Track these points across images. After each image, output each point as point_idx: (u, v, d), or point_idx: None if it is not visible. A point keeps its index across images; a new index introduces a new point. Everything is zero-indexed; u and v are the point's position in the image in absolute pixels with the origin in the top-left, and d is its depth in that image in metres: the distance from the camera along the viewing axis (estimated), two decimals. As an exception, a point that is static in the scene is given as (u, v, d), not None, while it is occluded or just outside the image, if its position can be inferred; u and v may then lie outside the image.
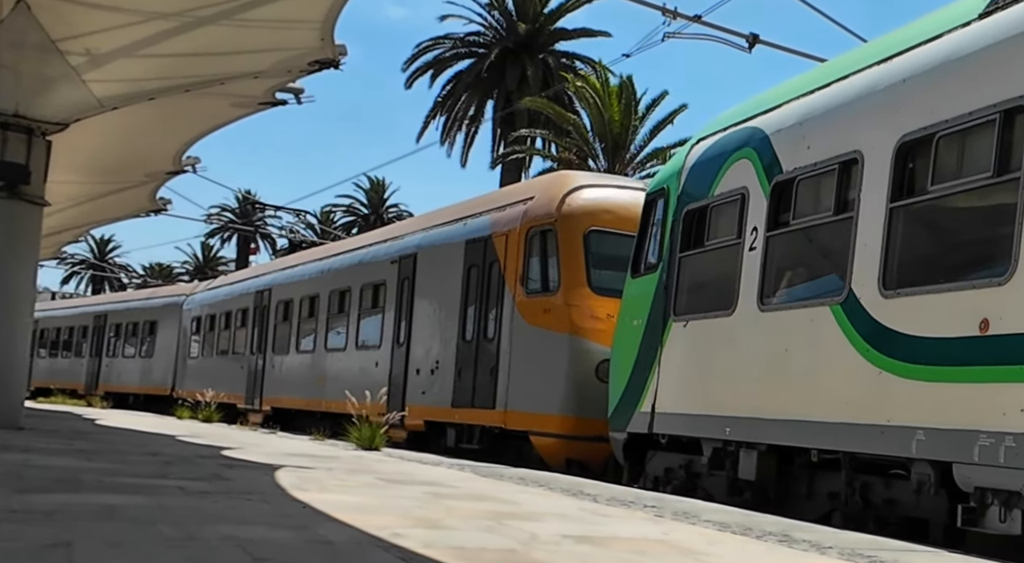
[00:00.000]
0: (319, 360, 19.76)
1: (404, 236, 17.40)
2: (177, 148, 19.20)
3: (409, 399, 15.56)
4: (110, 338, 34.90)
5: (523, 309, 13.00)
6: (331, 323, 19.48)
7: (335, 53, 13.02)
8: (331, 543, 4.71)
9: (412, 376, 15.67)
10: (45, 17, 11.82)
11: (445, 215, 16.37)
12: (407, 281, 16.38)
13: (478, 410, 13.65)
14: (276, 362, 22.18)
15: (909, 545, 6.20)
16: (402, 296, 16.46)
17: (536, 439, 12.54)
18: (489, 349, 13.62)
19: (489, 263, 13.93)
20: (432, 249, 15.86)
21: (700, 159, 10.14)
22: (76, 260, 76.17)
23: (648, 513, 6.98)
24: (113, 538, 4.41)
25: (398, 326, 16.47)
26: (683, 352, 9.82)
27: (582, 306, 12.35)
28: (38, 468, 7.59)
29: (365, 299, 18.10)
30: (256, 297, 24.03)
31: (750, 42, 15.53)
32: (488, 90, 40.94)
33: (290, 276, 22.58)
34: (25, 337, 13.78)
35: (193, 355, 28.47)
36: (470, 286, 14.37)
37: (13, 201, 13.07)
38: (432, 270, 15.64)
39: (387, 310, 16.96)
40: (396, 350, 16.43)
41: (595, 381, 11.76)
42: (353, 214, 65.92)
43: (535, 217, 13.20)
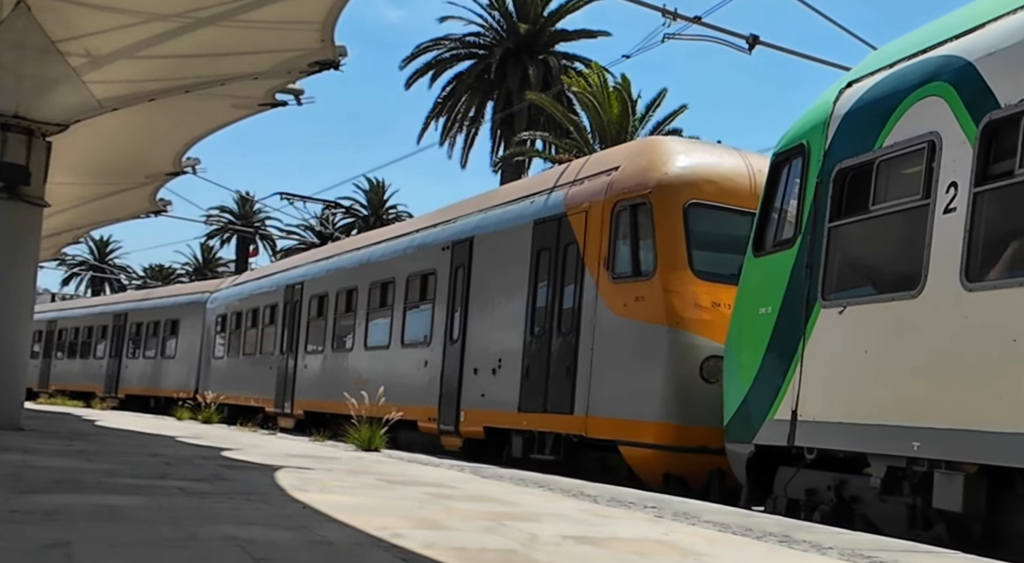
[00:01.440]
0: (358, 359, 18.29)
1: (457, 219, 15.62)
2: (177, 149, 19.19)
3: (465, 402, 14.07)
4: (130, 338, 33.57)
5: (609, 297, 11.31)
6: (372, 318, 18.00)
7: (335, 54, 13.02)
8: (331, 543, 4.70)
9: (468, 376, 14.09)
10: (45, 18, 11.82)
11: (507, 193, 14.79)
12: (462, 269, 14.79)
13: (552, 415, 11.99)
14: (309, 362, 20.64)
15: (911, 545, 6.20)
16: (456, 286, 14.88)
17: (627, 450, 10.82)
18: (565, 344, 11.96)
19: (564, 245, 12.29)
20: (492, 232, 14.19)
21: (858, 104, 8.08)
22: (76, 261, 76.20)
23: (648, 514, 6.98)
24: (113, 538, 4.40)
25: (451, 320, 14.89)
26: (839, 345, 7.81)
27: (683, 293, 10.61)
28: (38, 469, 7.58)
29: (412, 291, 16.55)
30: (286, 292, 22.48)
31: (750, 43, 15.53)
32: (488, 91, 40.96)
33: (324, 268, 20.89)
34: (25, 338, 13.78)
35: (218, 356, 26.98)
36: (540, 272, 12.76)
37: (13, 202, 13.06)
38: (492, 256, 14.03)
39: (438, 303, 15.40)
40: (449, 347, 14.85)
41: (699, 381, 10.18)
42: (353, 215, 65.88)
43: (623, 189, 11.45)
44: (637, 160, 11.70)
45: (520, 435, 12.88)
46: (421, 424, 15.06)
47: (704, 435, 9.95)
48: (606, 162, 12.43)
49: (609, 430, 11.03)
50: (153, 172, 20.85)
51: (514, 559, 4.51)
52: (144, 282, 64.93)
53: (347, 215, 65.46)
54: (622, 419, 10.82)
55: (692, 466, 10.31)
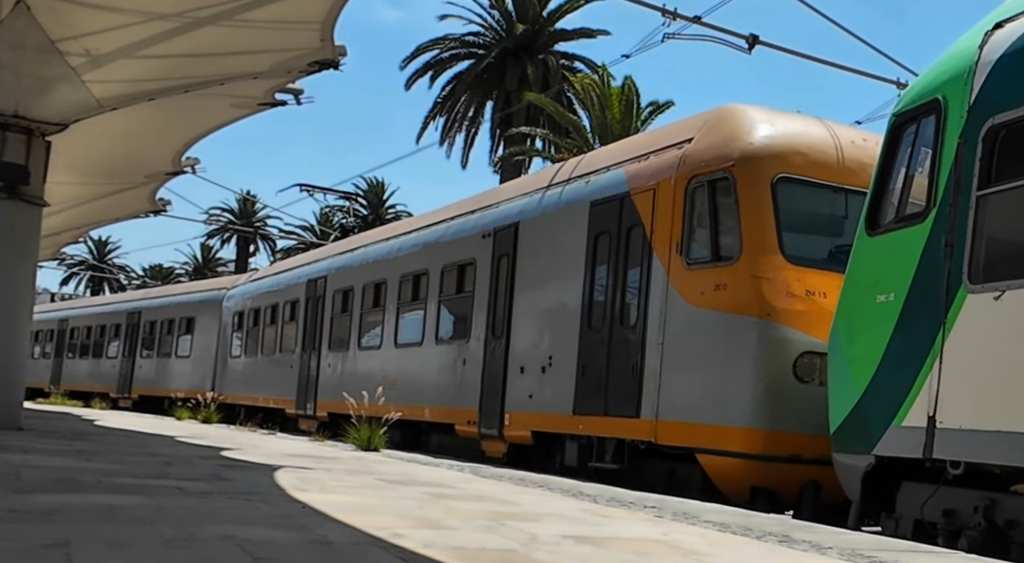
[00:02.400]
0: (388, 358, 16.95)
1: (499, 204, 14.29)
2: (177, 149, 19.19)
3: (510, 404, 12.76)
4: (144, 337, 32.08)
5: (682, 285, 10.06)
6: (403, 313, 16.71)
7: (335, 54, 13.02)
8: (331, 543, 4.70)
9: (514, 375, 12.80)
10: (44, 18, 11.81)
11: (557, 174, 13.47)
12: (505, 258, 13.48)
13: (614, 419, 10.70)
14: (333, 361, 19.28)
15: (911, 545, 6.20)
16: (498, 277, 13.57)
17: (707, 459, 9.51)
18: (629, 339, 10.70)
19: (627, 228, 11.05)
20: (541, 217, 12.94)
21: (1017, 46, 6.68)
22: (75, 261, 76.20)
23: (648, 514, 6.98)
24: (112, 538, 4.40)
25: (493, 314, 13.57)
26: (994, 336, 6.51)
27: (774, 279, 9.31)
28: (37, 468, 7.57)
29: (448, 283, 15.22)
30: (308, 287, 21.12)
31: (750, 43, 15.52)
32: (488, 91, 40.96)
33: (349, 261, 19.52)
34: (24, 337, 13.77)
35: (235, 355, 25.63)
36: (597, 259, 11.52)
37: (12, 202, 13.06)
38: (541, 242, 12.77)
39: (478, 295, 14.07)
40: (491, 343, 13.52)
41: (792, 381, 8.93)
42: (352, 215, 65.89)
43: (699, 163, 10.21)
44: (715, 130, 10.38)
45: (575, 441, 11.56)
46: (459, 428, 14.01)
47: (797, 442, 8.71)
48: (675, 134, 11.11)
49: (684, 436, 9.71)
50: (152, 172, 20.84)
51: (514, 559, 4.51)
52: (143, 282, 64.91)
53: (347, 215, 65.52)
54: (700, 424, 9.47)
55: (783, 478, 8.95)
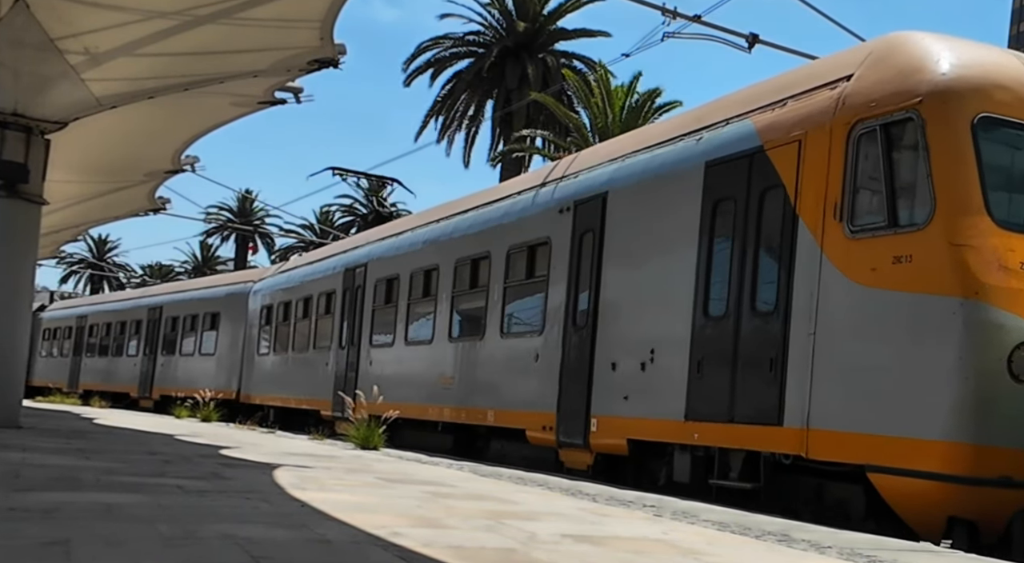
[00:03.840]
0: (441, 354, 15.07)
1: (580, 173, 12.41)
2: (176, 147, 19.18)
3: (597, 407, 10.87)
4: (166, 334, 30.35)
5: (843, 258, 8.03)
6: (459, 303, 14.87)
7: (334, 52, 13.01)
8: (330, 542, 4.70)
9: (602, 373, 10.90)
10: (44, 16, 11.80)
11: (656, 133, 11.49)
12: (590, 235, 11.62)
13: (745, 427, 8.68)
14: (375, 358, 17.50)
15: (909, 544, 6.20)
16: (580, 257, 11.75)
17: (884, 480, 7.42)
18: (765, 328, 8.71)
19: (759, 191, 9.04)
20: (637, 185, 11.03)
21: None
22: (75, 259, 76.26)
23: (647, 513, 6.98)
24: (111, 536, 4.40)
25: (574, 301, 11.74)
26: None
27: (980, 248, 7.31)
28: (37, 467, 7.57)
29: (515, 267, 13.40)
30: (345, 277, 19.30)
31: (750, 42, 15.53)
32: (488, 90, 40.98)
33: (394, 246, 17.72)
34: (24, 336, 13.78)
35: (263, 352, 23.89)
36: (717, 230, 9.55)
37: (12, 200, 13.07)
38: (638, 214, 10.90)
39: (553, 280, 12.23)
40: (572, 336, 11.68)
41: (1007, 380, 7.04)
42: (352, 214, 65.95)
43: (867, 103, 8.15)
44: (886, 62, 8.37)
45: (687, 452, 9.59)
46: (532, 434, 12.17)
47: (1010, 460, 6.95)
48: (825, 72, 9.10)
49: (849, 450, 7.74)
50: (152, 170, 20.83)
51: (513, 558, 4.51)
52: (143, 280, 64.88)
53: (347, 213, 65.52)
54: (874, 435, 7.49)
55: (989, 506, 7.00)
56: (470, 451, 14.20)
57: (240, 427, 19.10)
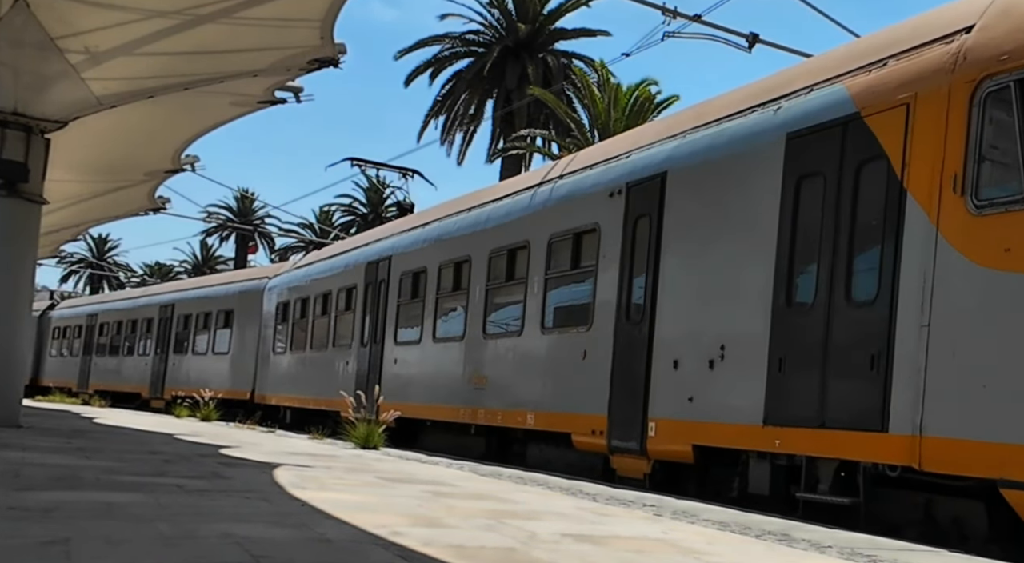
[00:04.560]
0: (474, 351, 14.09)
1: (632, 153, 11.34)
2: (176, 146, 19.17)
3: (656, 409, 9.90)
4: (178, 332, 29.63)
5: (965, 239, 7.05)
6: (494, 297, 13.89)
7: (335, 51, 13.01)
8: (330, 541, 4.70)
9: (662, 371, 9.93)
10: (44, 15, 11.80)
11: (722, 106, 10.29)
12: (646, 219, 10.60)
13: (837, 433, 7.67)
14: (401, 356, 16.61)
15: (908, 545, 6.20)
16: (634, 244, 10.75)
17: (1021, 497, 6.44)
18: (865, 319, 7.75)
19: (856, 164, 8.02)
20: (701, 163, 9.98)
21: None
22: (75, 259, 76.30)
23: (648, 512, 6.98)
24: (111, 536, 4.40)
25: (627, 292, 10.74)
26: None
27: None
28: (36, 466, 7.57)
29: (557, 257, 12.40)
30: (368, 271, 18.41)
31: (750, 42, 15.54)
32: (488, 89, 41.01)
33: (421, 237, 16.72)
34: (24, 335, 13.77)
35: (279, 350, 23.02)
36: (802, 209, 8.50)
37: (12, 199, 13.07)
38: (702, 196, 9.84)
39: (603, 269, 11.23)
40: (625, 330, 10.66)
41: None
42: (352, 213, 65.98)
43: (997, 57, 7.11)
44: (1020, 8, 7.29)
45: (766, 461, 8.59)
46: (578, 439, 11.22)
47: None
48: (936, 25, 8.03)
49: (977, 461, 6.72)
50: (152, 169, 20.83)
51: (513, 557, 4.51)
52: (143, 280, 64.90)
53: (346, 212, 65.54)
54: (1011, 444, 6.51)
55: None
56: (505, 456, 13.31)
57: (240, 426, 19.09)
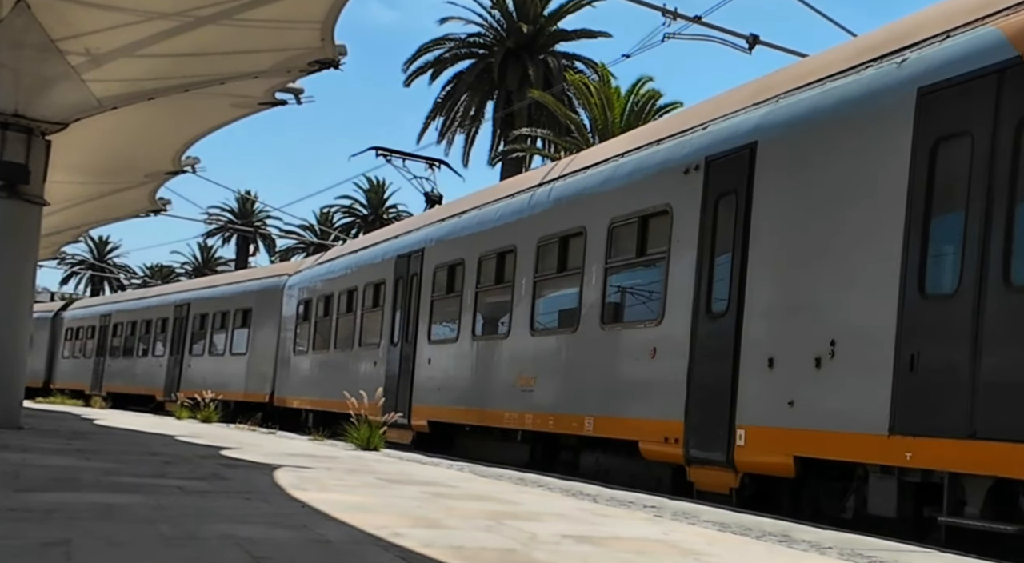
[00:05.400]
0: (520, 349, 12.85)
1: (710, 124, 10.08)
2: (177, 148, 19.19)
3: (745, 414, 8.64)
4: (194, 332, 28.65)
5: None
6: (543, 290, 12.66)
7: (335, 53, 13.02)
8: (330, 542, 4.70)
9: (752, 370, 8.68)
10: (45, 17, 11.81)
11: (825, 64, 8.93)
12: (730, 197, 9.31)
13: (995, 445, 6.46)
14: (434, 355, 15.36)
15: (908, 546, 6.20)
16: (715, 226, 9.50)
17: None
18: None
19: (1019, 120, 6.74)
20: (802, 129, 8.70)
21: None
22: (75, 260, 76.32)
23: (648, 514, 6.97)
24: (112, 537, 4.40)
25: (706, 281, 9.48)
26: None
27: None
28: (37, 467, 7.58)
29: (619, 243, 11.09)
30: (398, 265, 17.22)
31: (750, 43, 15.55)
32: (488, 90, 41.05)
33: (458, 227, 15.44)
34: (25, 337, 13.78)
35: (300, 350, 21.88)
36: (939, 177, 7.27)
37: (12, 201, 13.08)
38: (804, 168, 8.57)
39: (676, 255, 9.95)
40: (704, 324, 9.42)
41: None
42: (353, 215, 66.02)
43: None
44: None
45: (892, 477, 7.32)
46: (647, 447, 9.94)
47: None
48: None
49: None
50: (153, 171, 20.84)
51: (513, 558, 4.51)
52: (144, 282, 64.92)
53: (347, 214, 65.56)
54: None
55: None
56: (552, 465, 12.21)
57: (240, 428, 19.09)
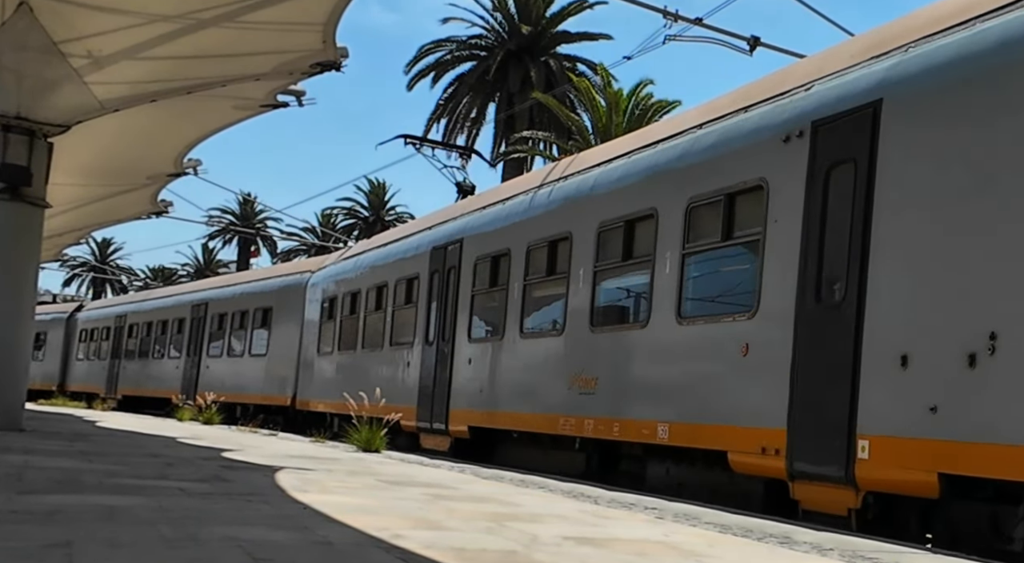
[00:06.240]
0: (578, 347, 11.61)
1: (814, 84, 8.68)
2: (178, 150, 19.24)
3: (868, 421, 7.36)
4: (212, 333, 27.65)
5: None
6: (603, 280, 11.39)
7: (336, 55, 13.05)
8: (331, 544, 4.70)
9: (878, 369, 7.39)
10: (47, 19, 11.84)
11: (973, 3, 7.49)
12: (847, 166, 7.93)
13: None
14: (475, 354, 14.18)
15: (909, 548, 6.20)
16: (825, 202, 8.09)
17: None
18: None
19: None
20: (946, 82, 7.35)
21: None
22: (77, 262, 76.38)
23: (649, 515, 6.97)
24: (114, 539, 4.41)
25: (814, 266, 8.09)
26: None
27: None
28: (39, 469, 7.58)
29: (700, 226, 9.78)
30: (433, 257, 16.04)
31: (751, 45, 15.56)
32: (490, 92, 41.10)
33: (501, 216, 14.26)
34: (27, 338, 13.79)
35: (325, 350, 20.65)
36: None
37: (15, 203, 13.09)
38: (949, 126, 7.24)
39: (773, 237, 8.61)
40: (812, 315, 8.03)
41: None
42: (354, 217, 66.07)
43: None
44: None
45: None
46: (739, 459, 8.69)
47: None
48: None
49: None
50: (154, 173, 20.88)
51: (514, 560, 4.51)
52: (146, 284, 64.96)
53: (348, 216, 65.60)
54: None
55: None
56: (611, 476, 11.00)
57: (242, 429, 19.09)
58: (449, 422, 14.52)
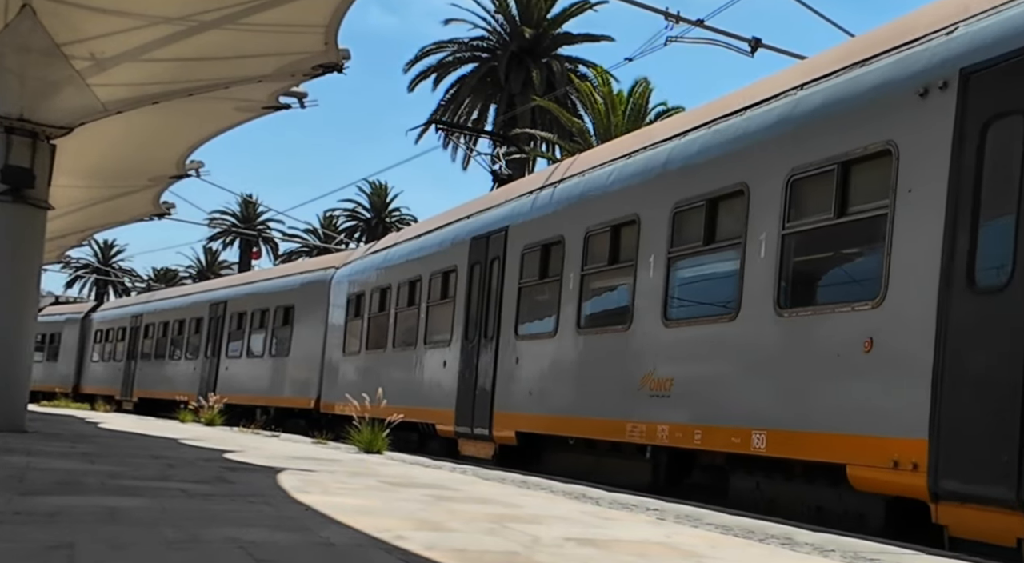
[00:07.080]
0: (648, 344, 10.26)
1: (957, 26, 7.25)
2: (181, 152, 19.26)
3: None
4: (231, 333, 26.55)
5: None
6: (679, 267, 10.03)
7: (339, 57, 13.06)
8: (333, 545, 4.71)
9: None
10: (50, 21, 11.86)
11: None
12: (1012, 119, 6.51)
13: None
14: (524, 353, 12.93)
15: (909, 550, 6.19)
16: (979, 165, 6.71)
17: None
18: None
19: None
20: None
21: None
22: (80, 264, 76.43)
23: (651, 516, 6.97)
24: (115, 540, 4.42)
25: (965, 243, 6.71)
26: None
27: None
28: (41, 470, 7.59)
29: (803, 202, 8.37)
30: (472, 248, 14.82)
31: (752, 46, 15.57)
32: (491, 94, 41.13)
33: (551, 200, 13.00)
34: (29, 340, 13.81)
35: (350, 350, 19.60)
36: None
37: (17, 205, 13.11)
38: None
39: (904, 211, 7.27)
40: (961, 302, 6.66)
41: None
42: (356, 218, 66.11)
43: None
44: None
45: None
46: (860, 473, 7.35)
47: None
48: None
49: None
50: (157, 175, 20.91)
51: (516, 561, 4.52)
52: (148, 285, 64.98)
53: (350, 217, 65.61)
54: None
55: None
56: (682, 489, 9.93)
57: (244, 431, 19.10)
58: (493, 427, 13.29)
